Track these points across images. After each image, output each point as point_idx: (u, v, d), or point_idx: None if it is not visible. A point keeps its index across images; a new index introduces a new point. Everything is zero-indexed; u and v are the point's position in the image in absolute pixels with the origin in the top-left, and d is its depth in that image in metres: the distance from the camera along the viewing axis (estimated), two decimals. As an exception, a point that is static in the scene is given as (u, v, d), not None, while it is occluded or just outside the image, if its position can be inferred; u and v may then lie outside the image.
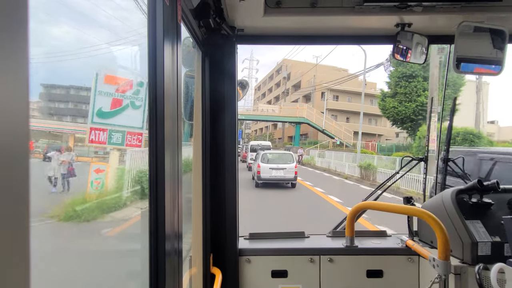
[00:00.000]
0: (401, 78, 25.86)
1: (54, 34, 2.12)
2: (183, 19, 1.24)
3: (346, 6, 1.64)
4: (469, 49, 1.71)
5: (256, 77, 74.55)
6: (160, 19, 0.94)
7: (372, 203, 1.97)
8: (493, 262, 1.47)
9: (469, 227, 1.68)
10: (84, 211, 2.92)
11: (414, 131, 23.99)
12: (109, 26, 2.61)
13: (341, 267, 2.00)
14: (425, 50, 1.83)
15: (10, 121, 0.34)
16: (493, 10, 1.62)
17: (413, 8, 1.60)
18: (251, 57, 69.71)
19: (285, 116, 38.99)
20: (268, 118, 41.16)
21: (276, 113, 40.50)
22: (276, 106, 46.74)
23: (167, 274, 0.97)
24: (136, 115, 1.73)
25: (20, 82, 0.35)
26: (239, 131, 51.16)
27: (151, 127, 0.95)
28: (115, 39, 2.51)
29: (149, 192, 0.96)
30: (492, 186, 1.79)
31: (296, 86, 51.95)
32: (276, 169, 15.28)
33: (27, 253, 0.36)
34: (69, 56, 2.19)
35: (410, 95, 25.59)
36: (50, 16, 1.93)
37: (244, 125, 68.80)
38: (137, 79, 1.80)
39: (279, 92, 58.32)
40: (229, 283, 1.94)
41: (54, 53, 2.09)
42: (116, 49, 2.48)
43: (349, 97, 45.87)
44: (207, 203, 1.82)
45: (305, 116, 37.58)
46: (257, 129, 71.70)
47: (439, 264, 1.47)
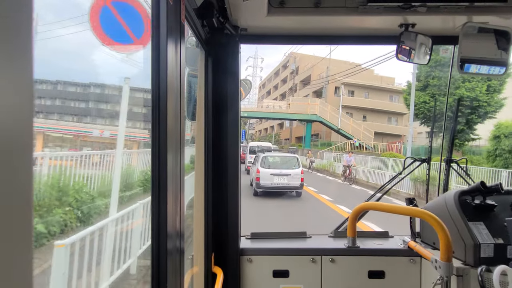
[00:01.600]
0: (433, 67, 21.56)
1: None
2: (186, 19, 1.24)
3: (349, 6, 1.64)
4: (473, 50, 1.71)
5: (261, 76, 70.35)
6: (163, 19, 0.95)
7: (374, 204, 1.96)
8: (496, 264, 1.46)
9: (471, 228, 1.68)
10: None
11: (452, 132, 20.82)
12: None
13: (342, 268, 2.00)
14: (428, 50, 1.82)
15: (15, 120, 0.34)
16: (497, 11, 1.61)
17: (417, 9, 1.59)
18: (256, 55, 65.55)
19: (295, 113, 33.88)
20: (275, 115, 35.88)
21: (284, 110, 35.68)
22: (283, 102, 41.26)
23: (168, 273, 0.98)
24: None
25: (24, 81, 0.35)
26: (242, 131, 49.42)
27: (153, 126, 0.95)
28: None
29: (151, 191, 0.96)
30: (495, 188, 1.78)
31: (305, 81, 44.80)
32: (278, 175, 12.84)
33: (30, 251, 0.36)
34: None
35: (445, 88, 20.90)
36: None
37: (248, 125, 66.00)
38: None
39: (285, 88, 51.98)
40: (231, 283, 1.94)
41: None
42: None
43: (366, 92, 39.43)
44: (209, 202, 1.82)
45: (317, 113, 32.46)
46: (261, 129, 66.39)
47: (441, 265, 1.47)
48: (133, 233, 4.13)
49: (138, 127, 6.32)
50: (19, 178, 0.35)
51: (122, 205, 4.05)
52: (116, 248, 3.60)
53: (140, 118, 5.92)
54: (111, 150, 5.46)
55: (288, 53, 48.38)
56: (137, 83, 4.41)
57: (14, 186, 0.34)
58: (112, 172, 4.89)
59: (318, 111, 32.57)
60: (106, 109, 5.82)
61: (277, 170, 12.98)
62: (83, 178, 4.63)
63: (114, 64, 3.50)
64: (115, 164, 4.47)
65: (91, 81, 5.76)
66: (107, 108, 5.84)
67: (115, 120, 5.09)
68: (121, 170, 4.55)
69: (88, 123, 5.72)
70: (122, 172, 4.90)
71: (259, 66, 69.44)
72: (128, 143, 6.03)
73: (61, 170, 4.21)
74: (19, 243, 0.35)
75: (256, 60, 65.32)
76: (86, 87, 5.71)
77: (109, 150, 5.59)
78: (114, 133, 4.63)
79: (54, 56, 4.05)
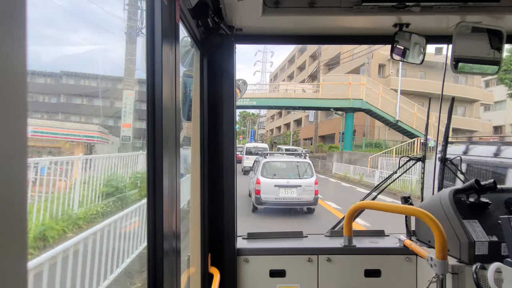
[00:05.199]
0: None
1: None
2: (181, 19, 1.24)
3: (344, 6, 1.64)
4: (467, 49, 1.72)
5: (270, 71, 61.82)
6: (158, 19, 0.94)
7: (370, 203, 1.98)
8: (490, 262, 1.48)
9: (466, 226, 1.69)
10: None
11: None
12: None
13: (339, 267, 2.00)
14: (423, 50, 1.83)
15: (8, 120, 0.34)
16: (490, 11, 1.62)
17: (411, 8, 1.60)
18: (265, 48, 58.61)
19: (326, 99, 22.66)
20: (297, 103, 24.34)
21: (310, 95, 24.73)
22: (307, 85, 29.28)
23: (165, 274, 0.97)
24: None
25: (18, 81, 0.35)
26: (251, 131, 46.55)
27: (149, 127, 0.95)
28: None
29: (147, 192, 0.96)
30: (490, 186, 1.80)
31: (332, 62, 32.62)
32: (285, 187, 9.67)
33: (24, 254, 0.36)
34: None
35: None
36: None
37: (257, 124, 59.98)
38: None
39: (304, 76, 39.63)
40: (227, 283, 1.93)
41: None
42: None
43: (422, 71, 27.71)
44: (205, 202, 1.82)
45: (363, 98, 21.46)
46: (273, 128, 54.73)
47: (436, 263, 1.48)
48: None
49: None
50: (13, 178, 0.34)
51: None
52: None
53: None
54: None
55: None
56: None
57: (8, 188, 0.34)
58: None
59: (365, 95, 21.51)
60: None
61: (283, 181, 9.80)
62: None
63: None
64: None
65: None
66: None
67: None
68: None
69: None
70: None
71: (268, 61, 62.07)
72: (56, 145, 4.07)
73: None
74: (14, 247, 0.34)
75: (265, 54, 59.66)
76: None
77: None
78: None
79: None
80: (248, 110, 51.76)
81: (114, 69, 5.81)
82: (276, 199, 9.66)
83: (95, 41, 6.25)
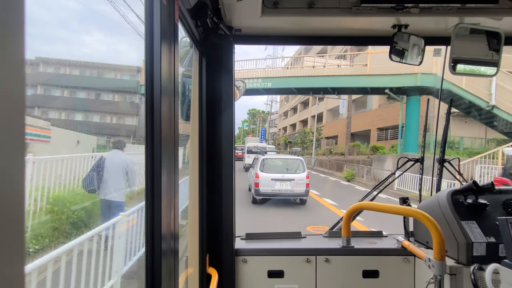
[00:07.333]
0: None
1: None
2: (180, 19, 1.24)
3: (343, 7, 1.65)
4: (465, 50, 1.73)
5: (281, 66, 56.31)
6: (157, 19, 0.94)
7: (368, 204, 1.98)
8: (488, 263, 1.48)
9: (464, 227, 1.69)
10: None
11: None
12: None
13: (337, 267, 2.00)
14: (421, 51, 1.84)
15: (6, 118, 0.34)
16: (489, 12, 1.63)
17: (409, 10, 1.61)
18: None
19: (378, 75, 16.03)
20: (328, 82, 17.67)
21: (351, 70, 17.90)
22: (340, 61, 21.26)
23: (163, 275, 0.97)
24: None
25: (16, 80, 0.35)
26: (261, 129, 44.37)
27: (148, 127, 0.95)
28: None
29: (145, 193, 0.96)
30: (488, 187, 1.80)
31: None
32: (280, 181, 11.39)
33: (22, 252, 0.36)
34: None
35: None
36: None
37: (268, 122, 54.10)
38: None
39: (337, 51, 27.78)
40: (226, 284, 1.93)
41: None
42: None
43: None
44: (203, 203, 1.81)
45: (436, 73, 14.83)
46: (286, 126, 48.13)
47: (434, 264, 1.48)
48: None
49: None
50: (11, 177, 0.34)
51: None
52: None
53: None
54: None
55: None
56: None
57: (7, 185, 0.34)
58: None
59: (439, 68, 14.08)
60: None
61: (278, 175, 11.52)
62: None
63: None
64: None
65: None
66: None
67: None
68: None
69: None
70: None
71: (279, 56, 56.26)
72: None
73: None
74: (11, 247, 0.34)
75: (276, 48, 49.47)
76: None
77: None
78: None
79: None
80: (257, 108, 48.65)
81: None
82: (272, 190, 11.36)
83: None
